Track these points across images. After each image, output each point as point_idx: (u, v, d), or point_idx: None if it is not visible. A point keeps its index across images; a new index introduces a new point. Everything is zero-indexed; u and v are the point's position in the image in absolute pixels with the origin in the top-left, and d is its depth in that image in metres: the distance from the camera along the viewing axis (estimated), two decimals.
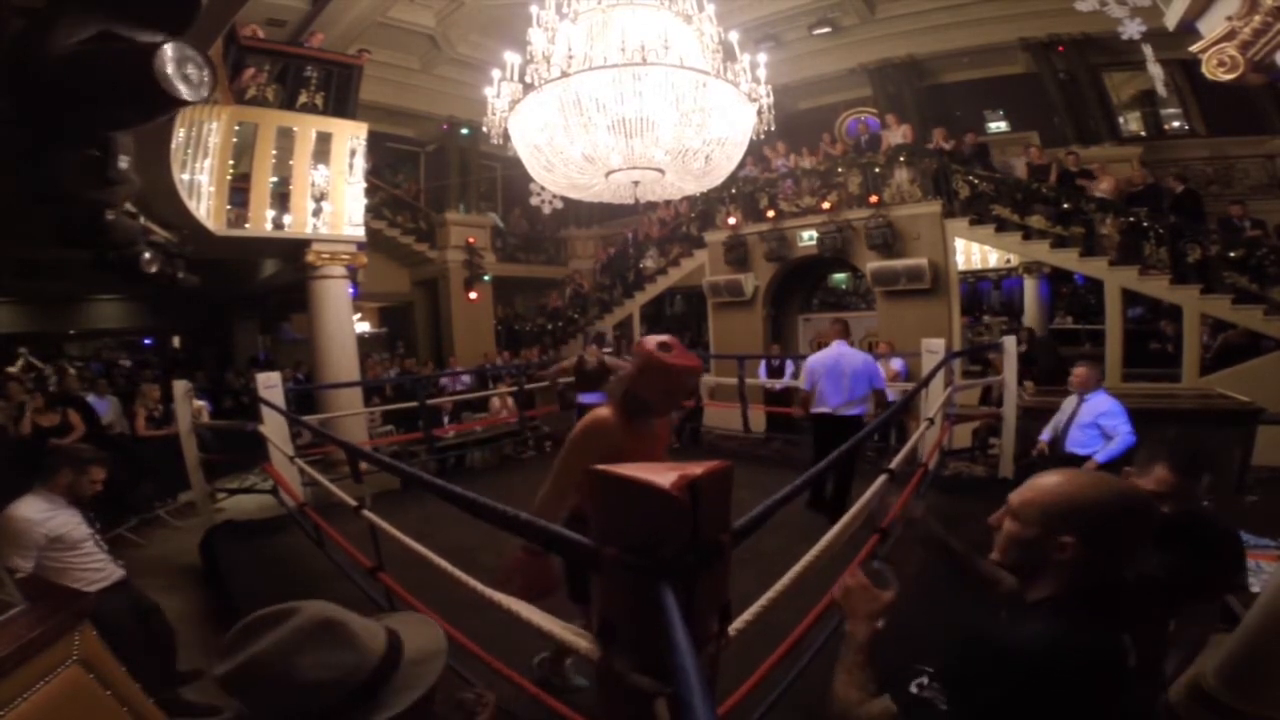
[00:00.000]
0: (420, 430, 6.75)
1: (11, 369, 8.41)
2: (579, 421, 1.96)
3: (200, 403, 5.99)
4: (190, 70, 1.75)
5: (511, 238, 12.67)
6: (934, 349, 5.17)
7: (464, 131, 11.70)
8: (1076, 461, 3.88)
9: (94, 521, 2.87)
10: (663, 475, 1.00)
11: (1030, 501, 1.04)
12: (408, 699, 0.78)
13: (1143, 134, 9.29)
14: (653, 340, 1.91)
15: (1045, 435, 4.25)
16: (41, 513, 2.60)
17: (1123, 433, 3.77)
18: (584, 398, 5.51)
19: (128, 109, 1.94)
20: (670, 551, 0.99)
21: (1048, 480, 1.05)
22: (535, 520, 1.41)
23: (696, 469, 1.03)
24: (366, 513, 2.79)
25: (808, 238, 8.93)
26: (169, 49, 1.70)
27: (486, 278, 11.49)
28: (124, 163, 2.07)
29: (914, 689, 1.03)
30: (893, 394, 5.38)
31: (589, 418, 1.92)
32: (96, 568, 2.75)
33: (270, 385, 5.26)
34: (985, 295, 11.51)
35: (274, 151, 6.74)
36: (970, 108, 10.14)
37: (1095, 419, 3.89)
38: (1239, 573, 1.83)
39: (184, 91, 1.73)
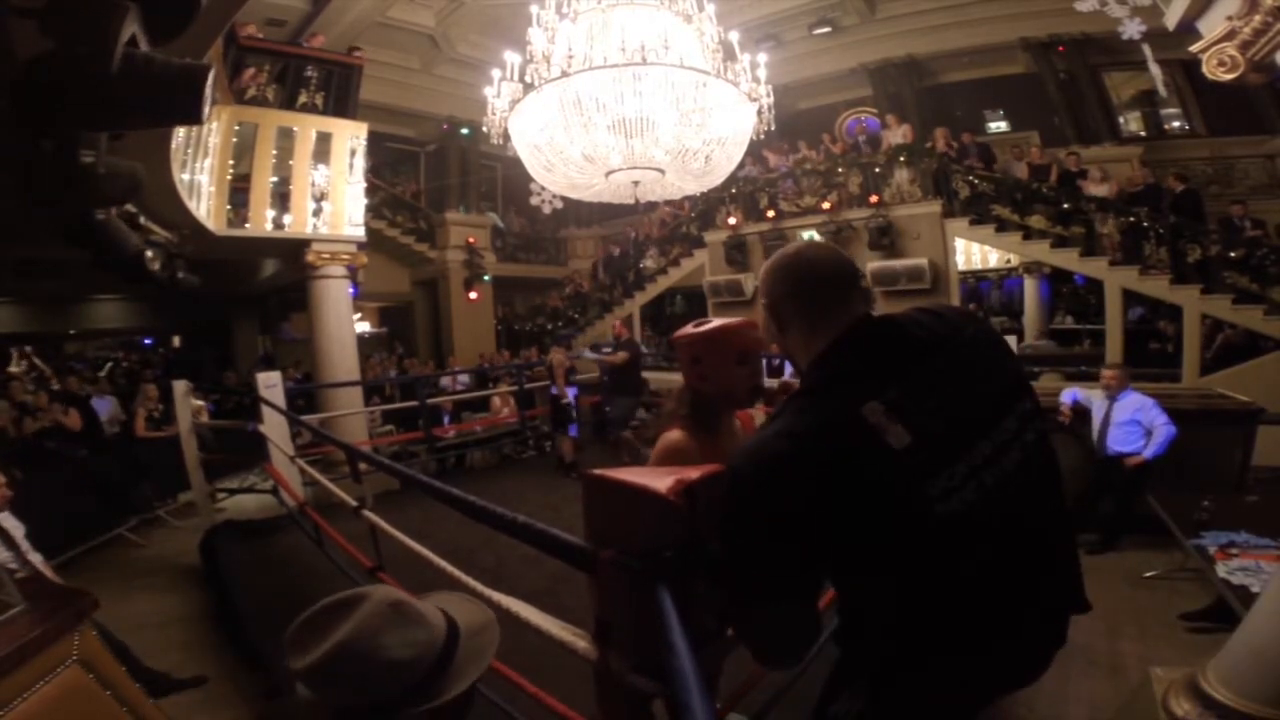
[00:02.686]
0: (420, 430, 6.76)
1: (13, 369, 8.41)
2: (654, 450, 1.60)
3: (200, 402, 5.99)
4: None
5: (511, 238, 12.67)
6: None
7: (464, 131, 11.68)
8: (1121, 462, 3.98)
9: (14, 543, 2.48)
10: (660, 480, 1.00)
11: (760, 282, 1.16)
12: (479, 666, 0.83)
13: (1143, 134, 9.27)
14: (686, 329, 1.61)
15: (1068, 398, 4.34)
16: None
17: (1160, 424, 3.85)
18: (553, 389, 6.52)
19: (152, 119, 1.96)
20: (667, 555, 0.99)
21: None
22: (532, 523, 1.41)
23: (693, 473, 1.03)
24: (366, 513, 2.78)
25: (808, 238, 8.93)
26: (211, 74, 1.79)
27: (486, 278, 11.49)
28: (89, 157, 2.05)
29: None
30: None
31: (662, 446, 1.56)
32: None
33: (270, 385, 5.26)
34: (985, 295, 11.49)
35: (274, 151, 6.73)
36: (970, 108, 10.13)
37: (1133, 415, 3.97)
38: None
39: (208, 113, 1.82)
